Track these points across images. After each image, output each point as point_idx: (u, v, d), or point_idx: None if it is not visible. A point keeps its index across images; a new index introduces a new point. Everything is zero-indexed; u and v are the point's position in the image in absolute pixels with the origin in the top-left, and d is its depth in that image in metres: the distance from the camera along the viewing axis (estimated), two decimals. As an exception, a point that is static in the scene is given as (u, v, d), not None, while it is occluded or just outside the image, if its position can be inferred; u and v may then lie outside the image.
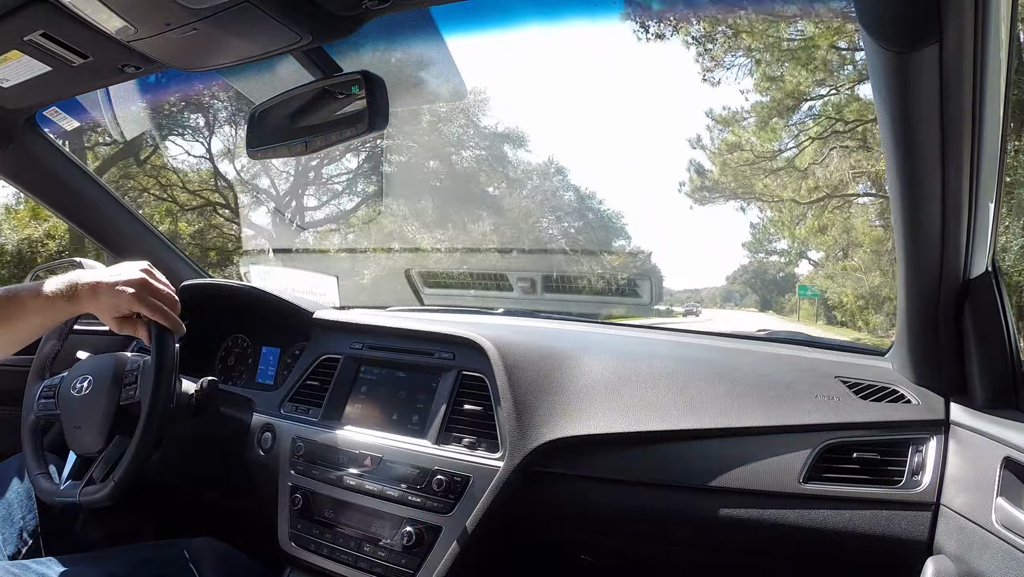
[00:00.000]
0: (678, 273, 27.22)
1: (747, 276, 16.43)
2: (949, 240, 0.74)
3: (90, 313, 0.93)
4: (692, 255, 31.73)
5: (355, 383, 1.21)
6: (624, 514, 0.98)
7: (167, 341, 0.98)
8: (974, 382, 0.84)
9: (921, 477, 0.84)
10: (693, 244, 32.18)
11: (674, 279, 18.76)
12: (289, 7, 0.75)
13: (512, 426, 1.00)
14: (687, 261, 29.65)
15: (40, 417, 1.05)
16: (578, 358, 1.09)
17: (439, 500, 1.00)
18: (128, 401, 1.00)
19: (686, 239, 29.96)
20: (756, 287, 16.33)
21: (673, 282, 17.43)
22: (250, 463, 1.22)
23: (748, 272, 16.22)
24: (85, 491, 0.97)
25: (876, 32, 0.57)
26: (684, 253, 28.73)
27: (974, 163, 0.67)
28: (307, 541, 1.09)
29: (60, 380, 1.06)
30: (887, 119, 0.65)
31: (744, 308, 16.30)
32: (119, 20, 0.77)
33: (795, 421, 0.92)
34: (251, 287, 1.45)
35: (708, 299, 17.01)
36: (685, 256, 29.31)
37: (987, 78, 0.61)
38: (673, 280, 17.69)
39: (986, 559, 0.71)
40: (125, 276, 0.92)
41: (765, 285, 15.94)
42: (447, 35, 1.01)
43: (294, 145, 0.92)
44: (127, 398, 1.00)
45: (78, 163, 1.42)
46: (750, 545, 0.93)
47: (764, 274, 15.75)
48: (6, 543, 1.02)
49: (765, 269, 15.30)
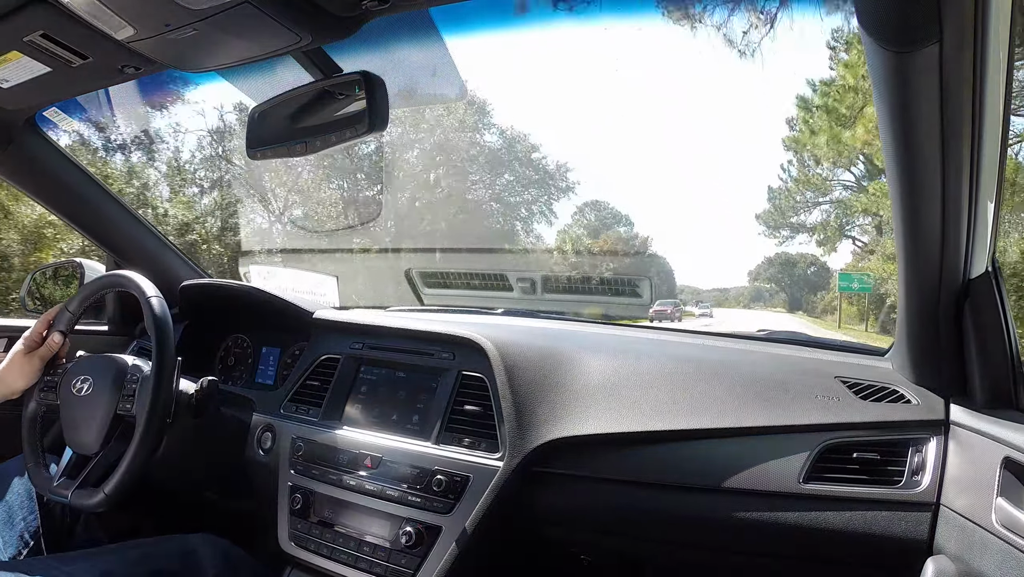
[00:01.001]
0: (706, 271, 25.90)
1: (773, 270, 14.30)
2: (949, 240, 0.74)
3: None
4: (716, 250, 29.95)
5: (355, 383, 1.21)
6: (624, 514, 0.98)
7: (167, 359, 1.00)
8: (974, 382, 0.84)
9: (921, 477, 0.84)
10: (716, 236, 30.24)
11: (701, 277, 18.03)
12: (289, 8, 0.75)
13: (512, 426, 1.00)
14: (712, 258, 27.88)
15: (40, 405, 1.07)
16: (578, 358, 1.09)
17: (439, 500, 1.00)
18: (124, 412, 1.01)
19: (708, 231, 28.41)
20: (784, 284, 14.32)
21: (699, 280, 16.71)
22: (250, 463, 1.22)
23: (775, 265, 14.05)
24: (78, 493, 0.98)
25: (876, 32, 0.57)
26: (708, 249, 27.04)
27: (974, 163, 0.67)
28: (307, 541, 1.09)
29: (61, 375, 1.07)
30: (887, 119, 0.65)
31: (772, 308, 14.67)
32: (119, 21, 0.77)
33: (795, 421, 0.92)
34: (251, 287, 1.45)
35: (734, 298, 15.55)
36: (710, 252, 27.64)
37: (987, 78, 0.61)
38: (698, 278, 16.98)
39: (986, 559, 0.71)
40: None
41: (795, 282, 13.85)
42: (447, 36, 1.01)
43: (294, 146, 0.91)
44: (124, 409, 1.01)
45: (78, 164, 1.42)
46: (750, 545, 0.93)
47: (793, 268, 13.49)
48: (7, 545, 1.02)
49: (794, 263, 13.14)
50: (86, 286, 1.12)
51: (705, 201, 22.32)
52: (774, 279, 14.66)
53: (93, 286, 1.12)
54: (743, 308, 14.97)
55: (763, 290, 14.96)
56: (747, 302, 15.15)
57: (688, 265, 27.02)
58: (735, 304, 15.28)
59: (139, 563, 0.94)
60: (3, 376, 1.06)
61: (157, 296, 1.05)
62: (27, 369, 1.07)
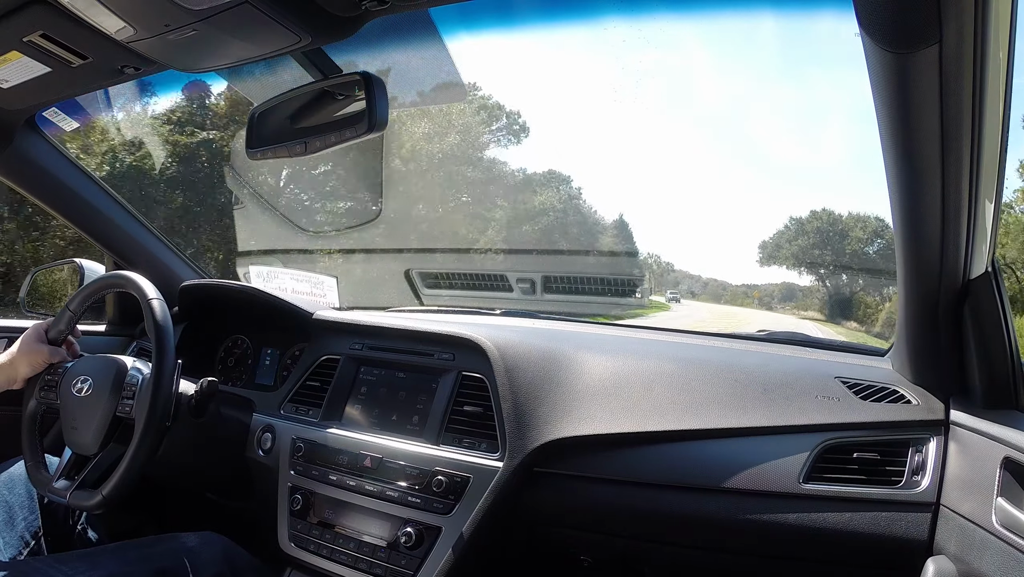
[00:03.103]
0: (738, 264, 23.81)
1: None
2: (949, 241, 0.74)
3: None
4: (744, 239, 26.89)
5: (355, 384, 1.21)
6: (623, 515, 0.98)
7: (167, 361, 1.00)
8: (974, 382, 0.84)
9: (921, 477, 0.84)
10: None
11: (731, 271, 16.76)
12: (288, 8, 0.75)
13: (512, 426, 1.00)
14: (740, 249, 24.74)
15: (40, 404, 1.07)
16: (578, 358, 1.09)
17: (439, 501, 1.00)
18: (124, 414, 1.01)
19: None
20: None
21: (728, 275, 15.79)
22: (250, 464, 1.22)
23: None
24: (76, 494, 0.98)
25: (875, 34, 0.57)
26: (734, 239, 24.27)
27: (974, 164, 0.67)
28: (306, 542, 1.09)
29: (61, 374, 1.07)
30: (886, 120, 0.65)
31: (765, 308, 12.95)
32: (118, 21, 0.77)
33: (795, 421, 0.92)
34: (251, 288, 1.45)
35: (766, 296, 13.88)
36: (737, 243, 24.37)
37: (987, 79, 0.61)
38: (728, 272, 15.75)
39: (986, 559, 0.71)
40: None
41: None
42: (446, 37, 1.01)
43: (293, 146, 0.92)
44: (123, 411, 1.01)
45: (77, 164, 1.42)
46: (749, 545, 0.93)
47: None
48: (7, 545, 1.02)
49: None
50: (87, 286, 1.12)
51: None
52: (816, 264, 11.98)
53: (93, 286, 1.12)
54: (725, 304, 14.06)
55: (795, 288, 12.74)
56: (779, 301, 12.98)
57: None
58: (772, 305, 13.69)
59: (140, 562, 0.93)
60: (13, 361, 1.07)
61: (157, 297, 1.05)
62: (34, 358, 1.08)
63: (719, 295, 14.00)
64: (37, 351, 1.08)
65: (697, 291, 13.72)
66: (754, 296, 12.23)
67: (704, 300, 13.89)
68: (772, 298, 13.37)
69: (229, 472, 1.24)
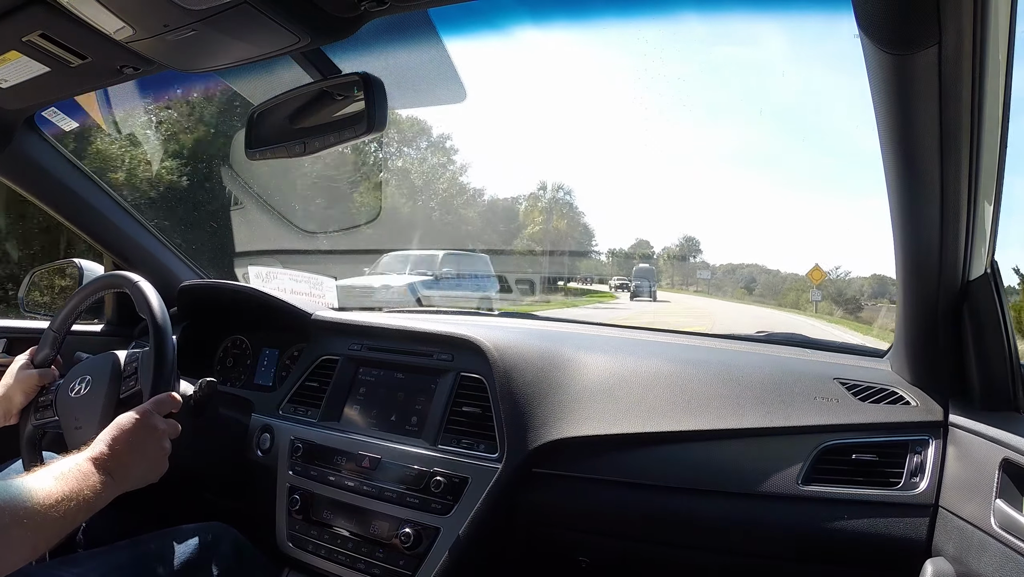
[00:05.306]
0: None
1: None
2: (948, 242, 0.74)
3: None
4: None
5: (354, 384, 1.21)
6: (622, 516, 0.98)
7: (166, 333, 0.98)
8: (973, 384, 0.84)
9: (920, 479, 0.84)
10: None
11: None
12: (287, 8, 0.75)
13: (510, 427, 0.99)
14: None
15: (38, 428, 1.05)
16: (577, 359, 1.09)
17: (437, 501, 0.99)
18: (129, 392, 1.00)
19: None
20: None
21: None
22: (249, 464, 1.22)
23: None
24: None
25: (874, 35, 0.57)
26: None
27: (973, 165, 0.67)
28: (305, 542, 1.09)
29: (56, 387, 1.05)
30: (886, 121, 0.65)
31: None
32: (117, 21, 0.77)
33: (794, 423, 0.92)
34: (250, 288, 1.45)
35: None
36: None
37: (986, 80, 0.61)
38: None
39: (984, 561, 0.71)
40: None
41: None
42: (446, 37, 1.01)
43: (293, 146, 0.91)
44: (127, 390, 1.00)
45: (77, 164, 1.41)
46: (748, 547, 0.93)
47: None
48: None
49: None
50: (84, 287, 1.12)
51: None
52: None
53: (91, 287, 1.12)
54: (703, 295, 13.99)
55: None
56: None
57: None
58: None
59: (148, 557, 0.93)
60: (7, 393, 1.04)
61: (156, 297, 1.05)
62: (27, 384, 1.06)
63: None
64: (28, 376, 1.06)
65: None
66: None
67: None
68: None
69: (228, 472, 1.24)
